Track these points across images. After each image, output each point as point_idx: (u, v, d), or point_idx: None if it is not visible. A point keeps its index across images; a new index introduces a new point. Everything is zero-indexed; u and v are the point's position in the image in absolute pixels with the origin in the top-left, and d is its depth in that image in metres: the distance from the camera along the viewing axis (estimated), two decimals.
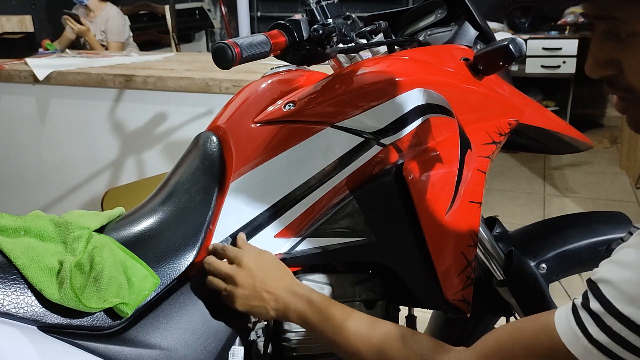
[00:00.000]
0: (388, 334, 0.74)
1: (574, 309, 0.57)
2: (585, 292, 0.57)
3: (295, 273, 0.99)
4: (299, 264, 0.95)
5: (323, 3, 0.96)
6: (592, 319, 0.54)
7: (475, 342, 0.67)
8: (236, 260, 0.86)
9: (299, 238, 0.92)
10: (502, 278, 1.08)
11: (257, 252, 0.87)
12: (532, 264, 1.09)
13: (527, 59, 4.20)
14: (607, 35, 0.57)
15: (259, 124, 0.99)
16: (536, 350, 0.59)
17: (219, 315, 0.88)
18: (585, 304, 0.56)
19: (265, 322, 1.00)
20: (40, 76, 2.34)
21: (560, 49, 4.14)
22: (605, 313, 0.53)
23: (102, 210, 1.52)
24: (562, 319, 0.57)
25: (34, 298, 0.78)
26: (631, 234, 1.08)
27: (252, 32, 4.09)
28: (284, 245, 0.91)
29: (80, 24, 3.54)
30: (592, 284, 0.56)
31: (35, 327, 0.78)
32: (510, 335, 0.63)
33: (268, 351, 1.00)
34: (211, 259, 0.88)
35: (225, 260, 0.88)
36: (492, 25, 4.21)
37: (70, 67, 2.37)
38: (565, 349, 0.56)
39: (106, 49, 3.70)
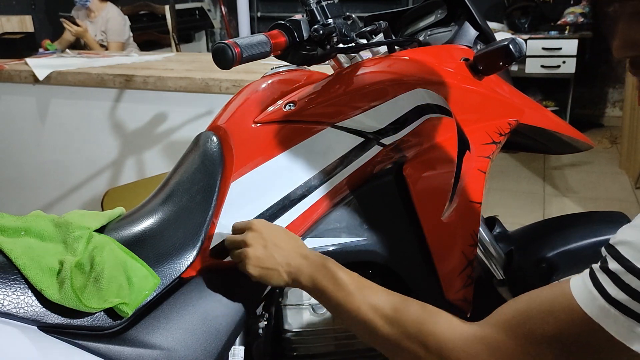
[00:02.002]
0: (401, 305, 0.72)
1: (592, 272, 0.57)
2: (604, 257, 0.57)
3: None
4: None
5: (323, 3, 0.96)
6: (611, 278, 0.55)
7: (492, 312, 0.67)
8: (247, 227, 0.85)
9: (300, 238, 0.92)
10: (502, 278, 1.08)
11: (267, 221, 0.87)
12: (532, 263, 1.09)
13: (527, 59, 4.20)
14: (634, 15, 0.58)
15: (259, 124, 1.00)
16: (553, 314, 0.59)
17: (219, 315, 0.88)
18: (604, 266, 0.56)
19: (266, 322, 1.00)
20: (40, 76, 2.34)
21: (560, 49, 4.14)
22: (624, 272, 0.54)
23: (102, 210, 1.52)
24: (578, 284, 0.58)
25: (34, 298, 0.78)
26: None
27: (252, 32, 4.09)
28: None
29: (77, 25, 3.54)
30: (610, 247, 0.57)
31: (36, 327, 0.78)
32: (527, 302, 0.63)
33: (268, 351, 1.00)
34: (227, 236, 0.88)
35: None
36: (492, 25, 4.21)
37: (70, 67, 2.37)
38: (581, 312, 0.56)
39: (106, 49, 3.70)
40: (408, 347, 0.69)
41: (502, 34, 2.91)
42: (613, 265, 0.55)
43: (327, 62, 1.11)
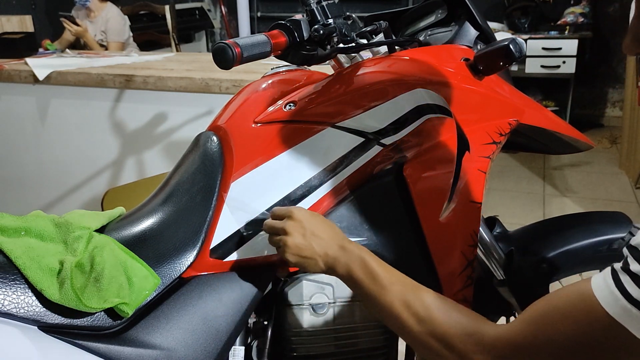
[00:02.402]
0: (432, 304, 0.72)
1: (614, 273, 0.57)
2: (625, 257, 0.57)
3: (295, 273, 0.99)
4: None
5: (324, 3, 0.96)
6: (633, 280, 0.55)
7: (519, 315, 0.67)
8: (287, 214, 0.85)
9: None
10: (502, 278, 1.08)
11: (307, 210, 0.87)
12: (532, 263, 1.09)
13: (527, 59, 4.20)
14: None
15: (259, 124, 0.99)
16: (573, 314, 0.59)
17: (220, 315, 0.88)
18: (625, 267, 0.56)
19: (266, 322, 1.00)
20: (40, 76, 2.34)
21: (560, 49, 4.14)
22: None
23: (102, 210, 1.52)
24: (600, 284, 0.58)
25: (34, 298, 0.78)
26: (632, 233, 1.08)
27: (252, 32, 4.09)
28: None
29: (77, 25, 3.54)
30: (632, 249, 0.57)
31: (36, 327, 0.78)
32: (546, 303, 0.63)
33: (268, 351, 1.00)
34: (268, 219, 0.88)
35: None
36: (492, 25, 4.21)
37: (70, 67, 2.37)
38: (603, 311, 0.56)
39: (106, 49, 3.70)
40: (434, 346, 0.70)
41: (502, 34, 2.90)
42: (635, 266, 0.55)
43: (328, 62, 1.11)
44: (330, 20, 0.95)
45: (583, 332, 0.58)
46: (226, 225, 0.91)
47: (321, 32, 0.93)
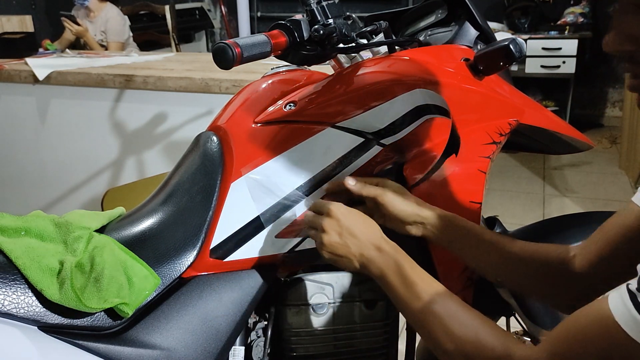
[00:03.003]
0: (464, 321, 0.72)
1: (632, 295, 0.57)
2: (639, 278, 0.57)
3: (295, 273, 0.99)
4: (300, 264, 0.95)
5: (324, 3, 0.96)
6: None
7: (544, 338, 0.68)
8: (324, 209, 0.86)
9: (300, 238, 0.92)
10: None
11: (347, 206, 0.87)
12: None
13: (527, 59, 4.20)
14: (630, 9, 0.57)
15: (259, 124, 0.99)
16: (594, 338, 0.59)
17: (220, 315, 0.88)
18: None
19: (266, 322, 1.00)
20: (40, 76, 2.34)
21: (560, 49, 4.14)
22: None
23: (102, 210, 1.52)
24: (619, 306, 0.57)
25: (34, 298, 0.78)
26: None
27: (252, 32, 4.09)
28: (285, 245, 0.92)
29: (77, 24, 3.54)
30: None
31: (36, 327, 0.78)
32: (571, 324, 0.63)
33: (268, 351, 1.00)
34: (308, 212, 0.89)
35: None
36: (492, 25, 4.21)
37: (70, 67, 2.37)
38: (625, 335, 0.56)
39: (106, 49, 3.70)
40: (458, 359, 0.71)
41: (502, 34, 2.90)
42: None
43: (328, 62, 1.11)
44: (330, 20, 0.95)
45: (607, 355, 0.58)
46: (226, 225, 0.91)
47: (321, 32, 0.93)
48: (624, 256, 0.71)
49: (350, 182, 0.90)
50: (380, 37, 1.12)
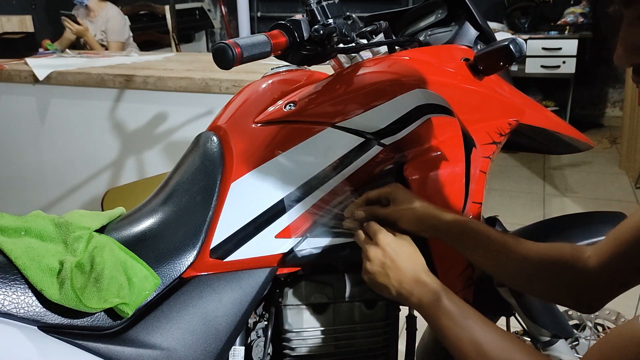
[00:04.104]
0: (501, 353, 0.72)
1: None
2: None
3: (295, 273, 0.99)
4: (300, 264, 0.95)
5: (324, 3, 0.96)
6: None
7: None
8: (374, 236, 0.87)
9: (300, 238, 0.92)
10: None
11: (396, 235, 0.87)
12: None
13: (527, 59, 4.20)
14: (635, 21, 0.57)
15: (259, 124, 0.99)
16: (629, 356, 0.59)
17: (220, 315, 0.89)
18: None
19: (266, 322, 1.00)
20: (40, 76, 2.34)
21: (560, 49, 4.14)
22: None
23: (102, 210, 1.52)
24: None
25: (34, 298, 0.78)
26: None
27: (252, 32, 4.09)
28: (285, 245, 0.92)
29: (78, 24, 3.55)
30: None
31: (36, 327, 0.78)
32: (599, 351, 0.63)
33: (268, 351, 1.00)
34: (360, 233, 0.90)
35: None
36: (492, 25, 4.21)
37: (70, 67, 2.37)
38: None
39: (106, 49, 3.70)
40: None
41: (502, 34, 2.90)
42: None
43: (328, 62, 1.11)
44: (330, 20, 0.95)
45: None
46: (226, 225, 0.91)
47: (321, 32, 0.93)
48: (638, 258, 0.71)
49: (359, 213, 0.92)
50: (380, 37, 1.12)
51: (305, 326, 0.99)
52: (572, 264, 0.79)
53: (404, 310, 1.11)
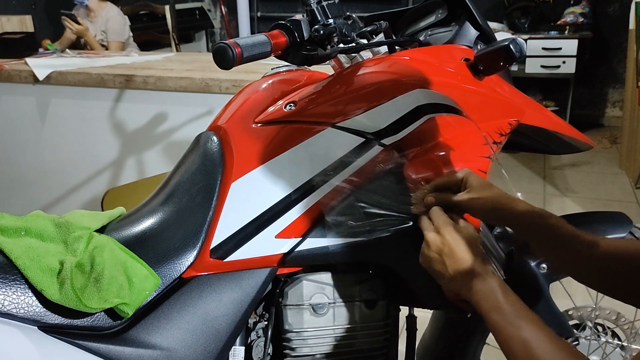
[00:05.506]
0: (547, 349, 0.71)
1: None
2: None
3: (295, 273, 0.99)
4: (300, 264, 0.95)
5: (324, 3, 0.96)
6: None
7: None
8: (436, 223, 0.86)
9: (300, 238, 0.92)
10: (502, 278, 1.08)
11: (460, 224, 0.86)
12: (533, 263, 1.09)
13: (527, 59, 4.20)
14: None
15: (259, 124, 0.99)
16: None
17: (220, 315, 0.89)
18: None
19: (266, 322, 1.00)
20: (40, 76, 2.34)
21: (560, 49, 4.14)
22: None
23: (102, 210, 1.52)
24: None
25: (34, 298, 0.78)
26: (632, 233, 1.08)
27: (252, 32, 4.09)
28: (285, 245, 0.91)
29: (78, 24, 3.55)
30: None
31: (36, 327, 0.78)
32: None
33: (268, 351, 1.00)
34: (424, 219, 0.88)
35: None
36: (492, 25, 4.21)
37: (70, 67, 2.37)
38: None
39: (106, 48, 3.70)
40: None
41: (502, 34, 2.90)
42: None
43: (328, 62, 1.11)
44: (331, 20, 0.95)
45: None
46: (226, 225, 0.91)
47: (321, 32, 0.93)
48: None
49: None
50: (380, 37, 1.12)
51: (305, 326, 0.99)
52: None
53: (404, 310, 1.11)
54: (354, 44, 1.02)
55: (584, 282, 0.86)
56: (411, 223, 0.92)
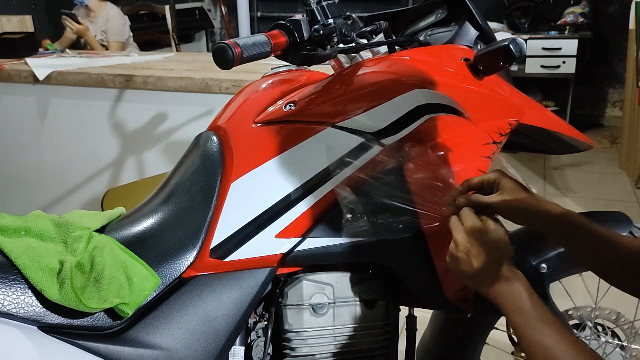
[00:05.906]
0: (567, 355, 0.72)
1: None
2: None
3: (295, 273, 0.99)
4: (300, 264, 0.95)
5: (324, 3, 0.96)
6: None
7: None
8: (466, 223, 0.85)
9: (300, 238, 0.92)
10: None
11: (490, 225, 0.85)
12: (533, 264, 1.09)
13: (527, 59, 4.20)
14: None
15: (259, 124, 1.00)
16: None
17: (220, 315, 0.89)
18: None
19: (266, 322, 1.00)
20: (40, 76, 2.34)
21: (560, 49, 4.14)
22: None
23: (102, 210, 1.52)
24: None
25: (34, 298, 0.78)
26: (632, 233, 1.08)
27: (252, 32, 4.09)
28: (285, 245, 0.91)
29: (79, 23, 3.55)
30: None
31: (36, 327, 0.78)
32: None
33: (268, 351, 1.00)
34: (454, 218, 0.87)
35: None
36: (492, 25, 4.21)
37: (70, 67, 2.37)
38: None
39: (106, 48, 3.70)
40: None
41: (502, 34, 2.90)
42: None
43: (328, 62, 1.11)
44: (330, 20, 0.95)
45: None
46: (226, 225, 0.91)
47: (321, 32, 0.93)
48: None
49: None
50: (380, 37, 1.12)
51: (305, 326, 0.99)
52: None
53: (404, 310, 1.11)
54: (353, 44, 1.02)
55: (620, 285, 0.85)
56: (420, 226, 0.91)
